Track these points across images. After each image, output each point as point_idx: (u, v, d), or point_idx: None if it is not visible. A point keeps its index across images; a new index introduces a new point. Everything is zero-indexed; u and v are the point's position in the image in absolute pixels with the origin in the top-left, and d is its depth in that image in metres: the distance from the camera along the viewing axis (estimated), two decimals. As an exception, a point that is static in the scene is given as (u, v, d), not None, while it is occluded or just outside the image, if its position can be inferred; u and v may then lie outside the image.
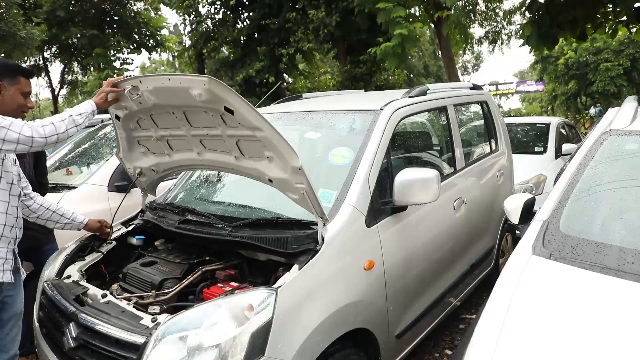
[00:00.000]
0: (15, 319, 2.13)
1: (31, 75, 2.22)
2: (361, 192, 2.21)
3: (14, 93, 2.11)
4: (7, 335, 2.11)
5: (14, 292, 2.11)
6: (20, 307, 2.17)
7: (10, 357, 2.13)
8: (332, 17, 12.16)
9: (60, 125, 2.05)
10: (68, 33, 18.31)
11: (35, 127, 2.00)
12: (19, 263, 2.18)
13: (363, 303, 2.12)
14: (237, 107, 1.84)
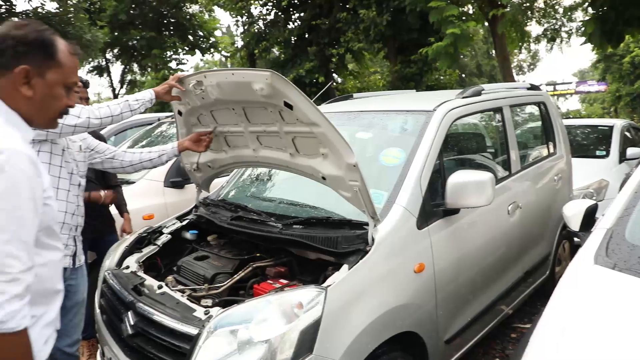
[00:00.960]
0: (78, 306, 2.24)
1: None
2: (412, 193, 2.18)
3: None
4: (71, 321, 2.21)
5: (76, 281, 2.21)
6: (84, 296, 2.28)
7: (73, 342, 2.25)
8: (383, 17, 12.05)
9: (116, 108, 2.20)
10: (128, 35, 19.21)
11: (92, 110, 2.16)
12: (81, 251, 2.28)
13: (412, 306, 2.09)
14: (297, 102, 1.87)
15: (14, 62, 1.24)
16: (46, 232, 1.32)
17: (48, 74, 1.30)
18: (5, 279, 1.11)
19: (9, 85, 1.25)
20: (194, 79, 2.21)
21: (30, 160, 1.18)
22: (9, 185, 1.13)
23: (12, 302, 1.12)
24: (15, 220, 1.14)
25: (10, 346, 1.14)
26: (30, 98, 1.28)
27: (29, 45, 1.26)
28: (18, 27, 1.26)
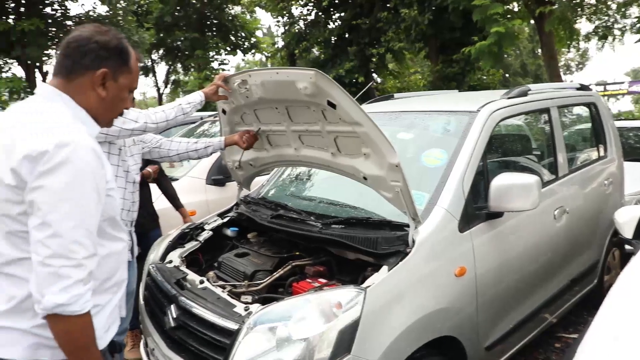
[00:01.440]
0: (129, 297, 2.32)
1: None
2: (455, 195, 2.14)
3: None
4: None
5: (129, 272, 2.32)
6: (133, 287, 2.39)
7: (121, 331, 2.35)
8: (424, 16, 11.88)
9: (170, 113, 2.33)
10: (173, 37, 19.78)
11: (149, 115, 2.28)
12: (134, 245, 2.38)
13: (452, 310, 2.05)
14: (340, 101, 1.87)
15: (96, 65, 1.33)
16: (110, 222, 1.38)
17: (120, 78, 1.40)
18: (70, 264, 1.17)
19: (87, 84, 1.34)
20: (239, 78, 2.26)
21: (94, 153, 1.25)
22: (74, 176, 1.18)
23: (76, 286, 1.18)
24: (80, 209, 1.20)
25: (75, 328, 1.21)
26: (103, 98, 1.37)
27: (110, 50, 1.35)
28: (101, 33, 1.36)
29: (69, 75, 1.33)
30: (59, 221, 1.16)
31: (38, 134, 1.20)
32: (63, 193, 1.17)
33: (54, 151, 1.17)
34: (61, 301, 1.16)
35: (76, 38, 1.34)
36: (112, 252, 1.42)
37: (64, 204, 1.17)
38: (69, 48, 1.33)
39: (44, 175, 1.16)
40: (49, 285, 1.16)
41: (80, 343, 1.24)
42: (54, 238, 1.16)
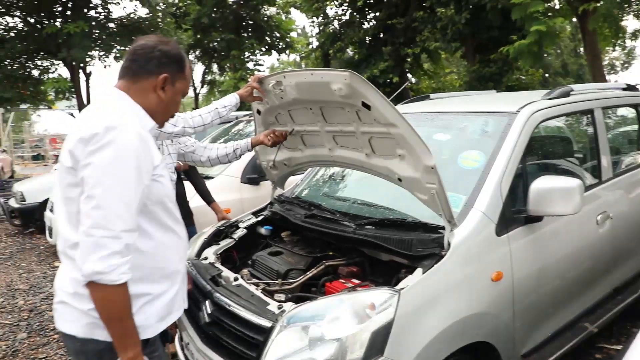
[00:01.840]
0: None
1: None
2: (492, 198, 2.09)
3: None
4: None
5: None
6: None
7: None
8: (461, 15, 11.66)
9: (207, 117, 2.42)
10: (210, 37, 20.15)
11: (187, 119, 2.37)
12: None
13: (488, 316, 2.01)
14: (375, 103, 1.86)
15: (158, 70, 1.50)
16: (163, 208, 1.49)
17: (177, 83, 1.56)
18: (109, 235, 1.27)
19: (150, 87, 1.50)
20: (274, 79, 2.28)
21: (139, 136, 1.37)
22: (117, 154, 1.30)
23: (113, 257, 1.27)
24: (122, 185, 1.30)
25: (111, 298, 1.31)
26: (161, 100, 1.53)
27: (170, 58, 1.52)
28: (164, 43, 1.53)
29: (133, 78, 1.50)
30: (102, 194, 1.28)
31: (92, 121, 1.36)
32: (107, 169, 1.29)
33: (103, 133, 1.31)
34: (98, 269, 1.26)
35: (142, 46, 1.51)
36: (165, 243, 1.52)
37: (107, 179, 1.29)
38: (135, 54, 1.50)
39: (92, 154, 1.30)
40: (89, 254, 1.27)
41: (114, 313, 1.33)
42: (97, 210, 1.28)
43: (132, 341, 1.36)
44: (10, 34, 13.80)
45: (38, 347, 3.69)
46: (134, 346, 1.36)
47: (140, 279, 1.43)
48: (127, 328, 1.35)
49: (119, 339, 1.35)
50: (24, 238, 7.71)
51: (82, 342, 1.43)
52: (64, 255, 1.47)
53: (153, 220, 1.47)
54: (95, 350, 1.43)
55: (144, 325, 1.45)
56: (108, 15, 15.06)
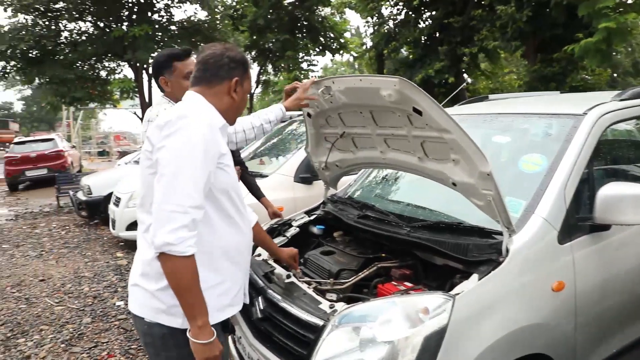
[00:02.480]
0: None
1: None
2: (555, 204, 2.00)
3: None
4: None
5: None
6: None
7: None
8: (522, 12, 11.19)
9: (250, 133, 2.40)
10: (265, 38, 20.52)
11: (230, 134, 2.33)
12: None
13: (547, 327, 1.92)
14: (426, 109, 1.83)
15: (229, 75, 1.66)
16: (227, 197, 1.60)
17: (245, 83, 1.72)
18: (178, 210, 1.39)
19: (224, 90, 1.66)
20: (323, 84, 2.29)
21: (209, 126, 1.51)
22: (187, 138, 1.45)
23: (182, 230, 1.39)
24: (190, 164, 1.43)
25: (179, 268, 1.41)
26: (234, 101, 1.69)
27: (237, 62, 1.68)
28: (229, 50, 1.68)
29: (209, 85, 1.65)
30: (173, 173, 1.42)
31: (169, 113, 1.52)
32: (178, 151, 1.43)
33: (175, 120, 1.47)
34: (169, 240, 1.37)
35: (211, 55, 1.66)
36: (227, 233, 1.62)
37: (177, 159, 1.43)
38: (207, 63, 1.66)
39: (166, 138, 1.46)
40: (161, 227, 1.39)
41: (184, 282, 1.42)
42: (168, 186, 1.41)
43: (201, 310, 1.46)
44: (82, 38, 14.73)
45: (101, 332, 3.91)
46: (203, 315, 1.46)
47: (203, 264, 1.51)
48: (196, 298, 1.44)
49: (189, 308, 1.44)
50: (89, 229, 8.20)
51: (149, 325, 1.56)
52: (139, 239, 1.63)
53: (217, 208, 1.58)
54: (159, 334, 1.55)
55: None
56: (170, 19, 15.74)
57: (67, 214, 9.87)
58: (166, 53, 2.36)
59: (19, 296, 4.86)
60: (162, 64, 2.34)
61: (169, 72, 2.33)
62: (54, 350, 3.62)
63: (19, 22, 13.82)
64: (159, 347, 1.58)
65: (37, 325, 4.09)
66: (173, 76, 2.33)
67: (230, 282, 1.65)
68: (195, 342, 1.45)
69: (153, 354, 1.63)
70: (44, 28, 14.05)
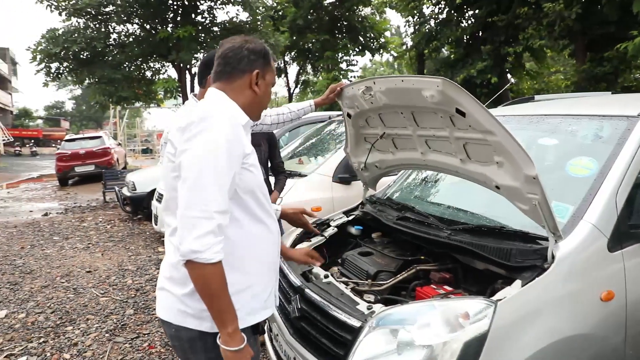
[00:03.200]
0: None
1: None
2: (605, 210, 1.91)
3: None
4: None
5: None
6: None
7: None
8: (572, 10, 10.76)
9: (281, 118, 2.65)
10: (305, 39, 20.69)
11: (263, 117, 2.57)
12: None
13: (594, 338, 1.84)
14: (470, 110, 1.79)
15: (249, 67, 1.59)
16: (253, 197, 1.56)
17: (267, 75, 1.65)
18: (203, 216, 1.33)
19: (245, 84, 1.60)
20: (363, 84, 2.27)
21: (231, 125, 1.44)
22: (210, 140, 1.38)
23: (207, 236, 1.33)
24: (214, 169, 1.37)
25: (207, 275, 1.36)
26: (257, 94, 1.62)
27: (257, 54, 1.61)
28: (249, 42, 1.62)
29: (229, 79, 1.59)
30: (196, 178, 1.36)
31: (190, 113, 1.46)
32: (201, 154, 1.37)
33: (198, 121, 1.41)
34: (194, 247, 1.32)
35: (230, 49, 1.59)
36: (255, 234, 1.57)
37: (201, 163, 1.36)
38: (226, 57, 1.59)
39: (189, 140, 1.40)
40: (186, 234, 1.33)
41: (212, 290, 1.38)
42: (192, 191, 1.35)
43: (230, 317, 1.42)
44: (130, 40, 15.29)
45: (142, 324, 4.05)
46: (232, 321, 1.42)
47: (231, 267, 1.47)
48: (225, 304, 1.40)
49: (218, 315, 1.41)
50: (133, 224, 8.50)
51: (177, 329, 1.52)
52: (166, 242, 1.59)
53: (244, 209, 1.53)
54: (187, 337, 1.52)
55: None
56: (213, 20, 16.08)
57: (112, 209, 10.28)
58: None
59: (67, 286, 5.09)
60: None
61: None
62: (99, 339, 3.77)
63: (72, 25, 14.49)
64: (187, 351, 1.55)
65: (84, 315, 4.28)
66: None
67: (262, 285, 1.61)
68: (226, 349, 1.41)
69: (182, 357, 1.61)
70: (95, 30, 14.66)
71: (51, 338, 3.83)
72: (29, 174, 21.71)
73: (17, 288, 5.06)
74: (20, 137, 43.53)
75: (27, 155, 37.84)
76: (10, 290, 4.99)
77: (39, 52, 14.09)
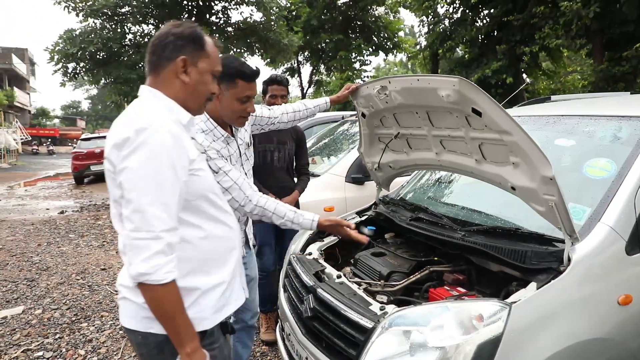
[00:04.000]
0: (253, 282, 2.51)
1: (252, 78, 2.06)
2: (623, 212, 1.87)
3: (229, 98, 2.05)
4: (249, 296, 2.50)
5: (248, 259, 2.45)
6: (255, 273, 2.54)
7: (253, 315, 2.55)
8: (589, 8, 10.59)
9: (297, 115, 2.62)
10: (318, 39, 20.71)
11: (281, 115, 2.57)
12: (249, 238, 2.47)
13: (612, 342, 1.81)
14: (486, 109, 1.77)
15: (175, 54, 1.45)
16: (207, 201, 1.50)
17: (200, 62, 1.49)
18: (149, 237, 1.28)
19: (171, 74, 1.47)
20: (379, 84, 2.27)
21: (171, 134, 1.34)
22: (150, 155, 1.30)
23: (156, 257, 1.28)
24: (156, 184, 1.30)
25: (160, 297, 1.31)
26: (187, 84, 1.48)
27: (185, 39, 1.46)
28: (176, 26, 1.48)
29: (156, 70, 1.48)
30: (138, 197, 1.29)
31: (124, 125, 1.36)
32: (140, 171, 1.29)
33: (134, 136, 1.30)
34: (143, 270, 1.27)
35: (157, 36, 1.48)
36: (217, 234, 1.53)
37: (141, 181, 1.29)
38: (152, 46, 1.48)
39: (126, 158, 1.30)
40: (134, 257, 1.28)
41: (165, 311, 1.33)
42: (135, 213, 1.29)
43: (188, 336, 1.37)
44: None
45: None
46: (190, 341, 1.37)
47: (194, 271, 1.45)
48: (181, 324, 1.36)
49: (175, 335, 1.36)
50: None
51: (143, 336, 1.46)
52: (122, 254, 1.48)
53: (200, 214, 1.48)
54: (155, 343, 1.47)
55: (199, 317, 1.47)
56: (227, 20, 16.18)
57: (127, 207, 10.38)
58: (236, 65, 2.04)
59: (82, 283, 5.17)
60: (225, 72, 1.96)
61: (227, 85, 2.05)
62: (112, 336, 3.81)
63: (89, 26, 14.70)
64: (156, 357, 1.49)
65: (99, 312, 4.33)
66: (229, 92, 2.06)
67: (226, 281, 1.56)
68: None
69: None
70: (111, 31, 14.86)
71: (66, 334, 3.89)
72: (46, 172, 22.07)
73: (34, 284, 5.14)
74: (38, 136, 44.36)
75: (44, 153, 38.52)
76: (27, 286, 5.08)
77: (56, 52, 14.33)
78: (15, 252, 6.48)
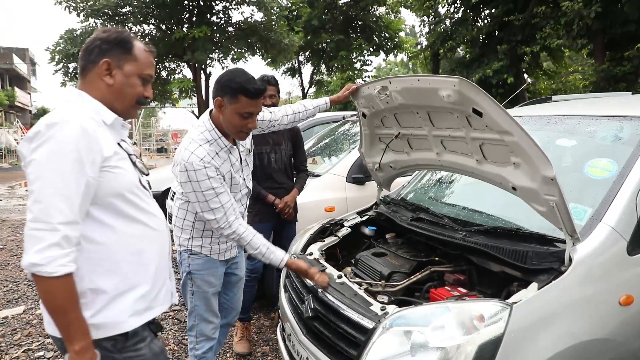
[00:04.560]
0: (241, 282, 2.55)
1: (255, 95, 2.03)
2: (625, 212, 1.87)
3: (231, 112, 2.05)
4: (235, 295, 2.54)
5: (239, 258, 2.48)
6: (243, 273, 2.56)
7: (237, 313, 2.59)
8: (591, 8, 10.57)
9: (297, 116, 2.61)
10: (319, 39, 20.69)
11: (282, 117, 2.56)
12: None
13: (613, 343, 1.81)
14: (487, 110, 1.77)
15: (99, 57, 1.49)
16: (124, 200, 1.47)
17: (126, 66, 1.51)
18: (46, 228, 1.27)
19: (96, 76, 1.50)
20: (379, 84, 2.27)
21: (81, 129, 1.35)
22: (55, 149, 1.31)
23: (50, 249, 1.27)
24: (59, 178, 1.30)
25: (52, 290, 1.30)
26: (111, 85, 1.50)
27: (110, 43, 1.50)
28: (104, 32, 1.53)
29: (83, 73, 1.52)
30: (39, 189, 1.29)
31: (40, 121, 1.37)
32: (45, 164, 1.30)
33: (44, 130, 1.32)
34: (34, 261, 1.26)
35: (87, 42, 1.53)
36: (132, 234, 1.49)
37: (45, 173, 1.30)
38: (82, 52, 1.52)
39: (34, 150, 1.32)
40: (29, 247, 1.28)
41: (57, 304, 1.31)
42: (35, 203, 1.29)
43: (78, 334, 1.34)
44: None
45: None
46: (81, 339, 1.34)
47: (107, 272, 1.42)
48: (73, 320, 1.33)
49: (65, 330, 1.34)
50: (149, 222, 8.57)
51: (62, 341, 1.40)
52: None
53: (113, 212, 1.45)
54: None
55: (115, 321, 1.45)
56: (228, 20, 16.18)
57: (128, 207, 10.38)
58: (241, 81, 2.01)
59: (84, 283, 5.17)
60: (229, 86, 2.03)
61: (230, 99, 2.03)
62: (114, 336, 3.82)
63: (90, 26, 14.71)
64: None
65: (100, 312, 4.33)
66: (230, 106, 2.04)
67: (148, 285, 1.52)
68: None
69: None
70: (112, 31, 14.85)
71: (68, 334, 3.89)
72: (47, 172, 22.03)
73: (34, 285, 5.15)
74: (39, 136, 44.19)
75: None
76: (28, 286, 5.09)
77: (57, 52, 14.35)
78: (16, 252, 6.49)
